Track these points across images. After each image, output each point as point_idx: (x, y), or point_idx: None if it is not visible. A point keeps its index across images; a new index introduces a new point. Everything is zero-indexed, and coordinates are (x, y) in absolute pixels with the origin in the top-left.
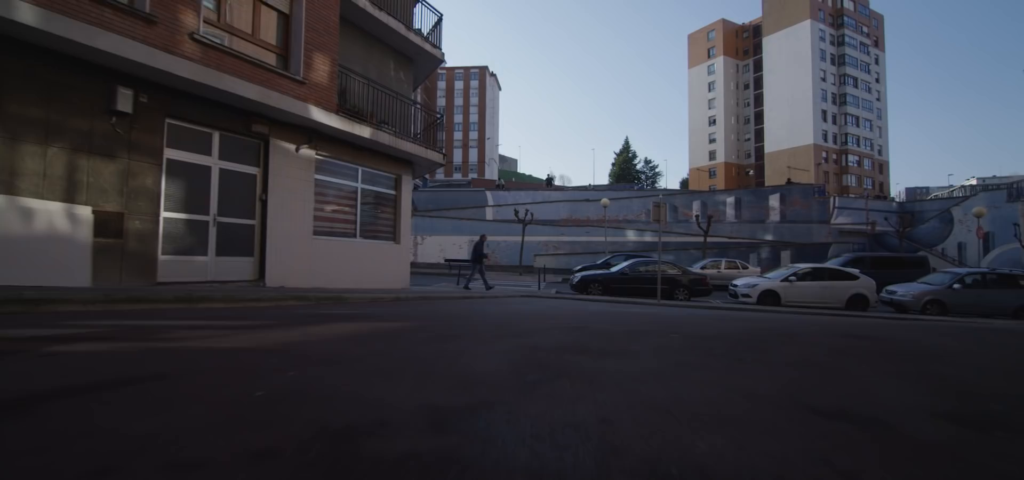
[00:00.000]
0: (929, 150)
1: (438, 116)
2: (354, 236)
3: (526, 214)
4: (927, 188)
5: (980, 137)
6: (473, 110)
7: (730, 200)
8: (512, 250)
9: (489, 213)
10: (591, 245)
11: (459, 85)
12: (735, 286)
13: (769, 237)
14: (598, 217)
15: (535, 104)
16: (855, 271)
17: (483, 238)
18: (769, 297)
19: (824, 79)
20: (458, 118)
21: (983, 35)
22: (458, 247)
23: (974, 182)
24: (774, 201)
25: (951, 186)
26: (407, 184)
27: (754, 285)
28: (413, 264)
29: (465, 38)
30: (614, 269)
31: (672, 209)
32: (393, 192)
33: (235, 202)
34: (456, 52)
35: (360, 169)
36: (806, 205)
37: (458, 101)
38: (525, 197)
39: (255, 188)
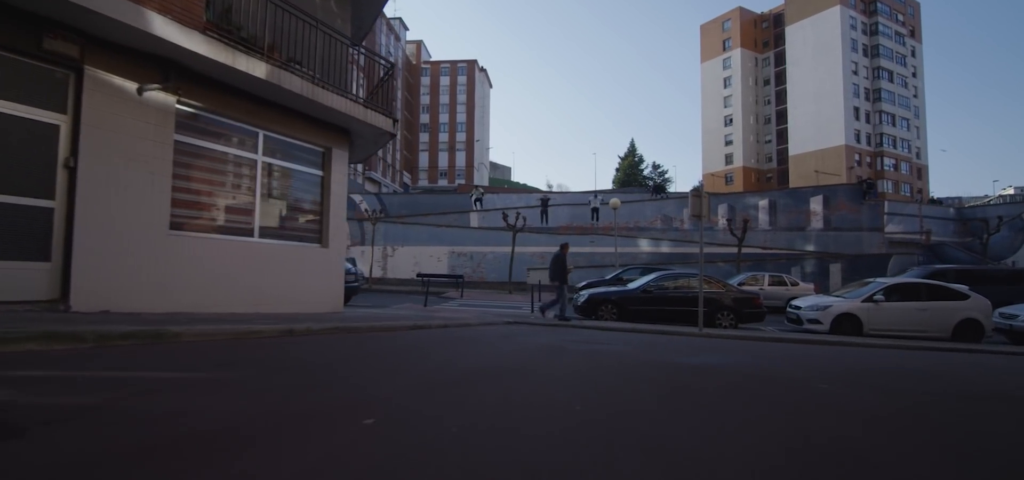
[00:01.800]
0: (955, 157)
1: (387, 64)
2: (250, 235)
3: (517, 219)
4: (958, 198)
5: (1010, 144)
6: (460, 110)
7: (763, 203)
8: (500, 263)
9: (474, 219)
10: (596, 257)
11: (445, 82)
12: (797, 308)
13: (811, 247)
14: (604, 225)
15: (530, 108)
16: (963, 288)
17: (565, 249)
18: (847, 323)
19: (855, 72)
20: (444, 118)
21: (1017, 36)
22: (436, 259)
23: (1011, 191)
24: (816, 204)
25: (987, 196)
26: (341, 162)
27: (824, 307)
28: (381, 280)
29: (454, 37)
30: (633, 286)
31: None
32: (318, 172)
33: (12, 169)
34: (442, 47)
35: (261, 134)
36: (855, 209)
37: (444, 99)
38: (517, 201)
39: (55, 148)
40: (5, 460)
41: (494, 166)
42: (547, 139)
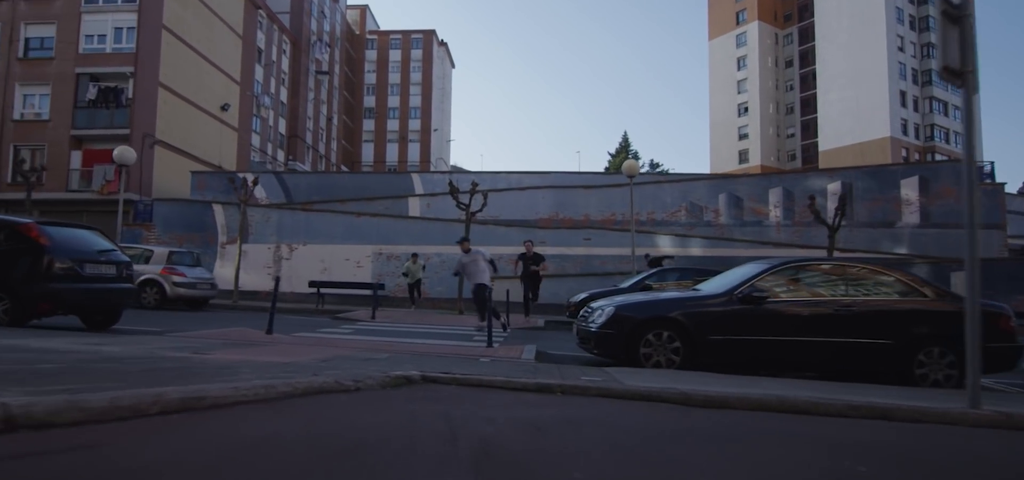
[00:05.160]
0: (1012, 155)
1: None
2: None
3: (472, 195)
4: None
5: None
6: (415, 92)
7: (832, 187)
8: (450, 269)
9: (414, 206)
10: (594, 260)
11: (395, 56)
12: None
13: (903, 249)
14: (604, 217)
15: (501, 104)
16: None
17: None
18: None
19: (901, 49)
20: (393, 102)
21: None
22: (355, 263)
23: None
24: (909, 189)
25: None
26: None
27: None
28: (267, 294)
29: (409, 18)
30: (709, 289)
31: (733, 201)
32: None
33: None
34: (395, 21)
35: None
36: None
37: (394, 78)
38: (481, 182)
39: None
40: None
41: (457, 169)
42: (521, 140)
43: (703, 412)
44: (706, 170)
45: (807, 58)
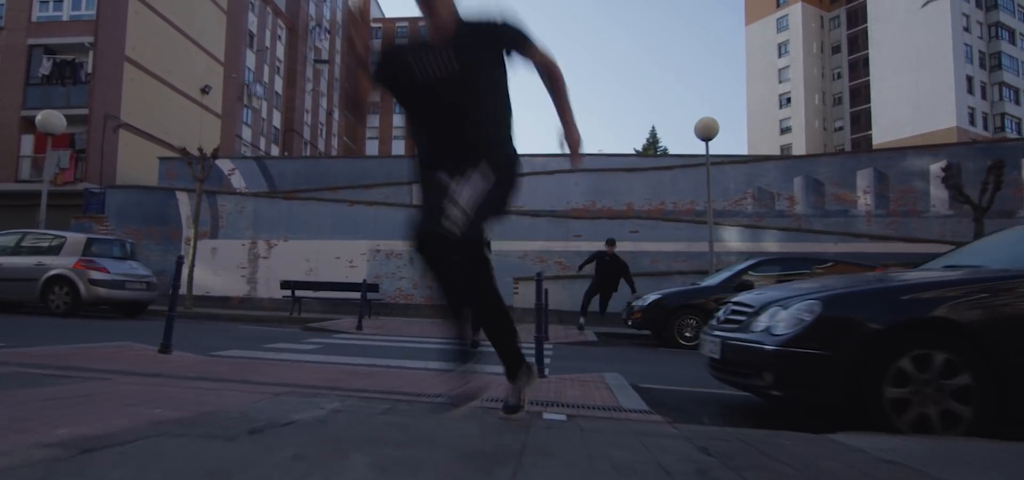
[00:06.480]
0: None
1: None
2: None
3: None
4: None
5: None
6: None
7: (934, 168)
8: None
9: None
10: (642, 258)
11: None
12: None
13: None
14: (652, 206)
15: (514, 102)
16: None
17: None
18: None
19: (967, 29)
20: None
21: None
22: (347, 262)
23: None
24: None
25: None
26: None
27: None
28: (245, 299)
29: None
30: (1004, 256)
31: (811, 186)
32: None
33: None
34: (401, 3)
35: None
36: None
37: None
38: None
39: None
40: None
41: None
42: (535, 139)
43: None
44: None
45: (857, 42)
